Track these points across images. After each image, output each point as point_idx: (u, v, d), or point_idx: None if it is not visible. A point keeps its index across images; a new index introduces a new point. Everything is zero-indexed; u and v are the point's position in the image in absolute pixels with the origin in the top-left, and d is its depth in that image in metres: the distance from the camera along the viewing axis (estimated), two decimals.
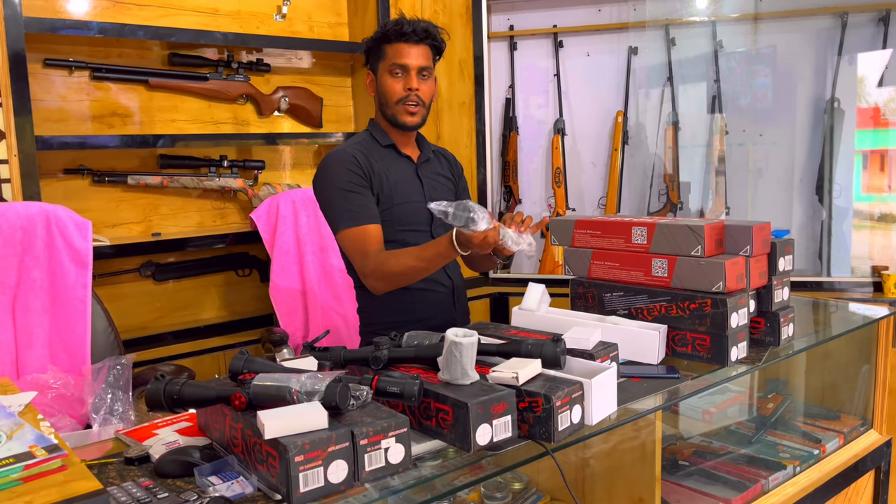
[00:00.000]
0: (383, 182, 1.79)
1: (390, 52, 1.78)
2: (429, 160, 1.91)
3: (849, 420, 1.91)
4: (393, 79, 1.78)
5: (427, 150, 1.92)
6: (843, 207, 2.85)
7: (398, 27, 1.76)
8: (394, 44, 1.77)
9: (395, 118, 1.80)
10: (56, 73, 2.31)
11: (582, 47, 3.08)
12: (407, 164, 1.86)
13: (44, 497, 0.70)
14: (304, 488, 0.90)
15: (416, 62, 1.77)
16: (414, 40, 1.76)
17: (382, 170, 1.80)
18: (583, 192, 3.15)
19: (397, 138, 1.86)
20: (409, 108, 1.78)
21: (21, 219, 1.84)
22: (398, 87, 1.77)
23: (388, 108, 1.81)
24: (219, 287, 2.69)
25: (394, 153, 1.85)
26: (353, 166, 1.75)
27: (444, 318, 1.84)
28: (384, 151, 1.84)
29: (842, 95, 2.78)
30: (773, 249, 1.57)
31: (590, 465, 1.46)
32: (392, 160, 1.84)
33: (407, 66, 1.77)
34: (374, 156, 1.81)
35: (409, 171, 1.86)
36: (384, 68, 1.79)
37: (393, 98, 1.78)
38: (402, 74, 1.77)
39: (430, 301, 1.83)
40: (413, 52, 1.77)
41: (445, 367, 1.11)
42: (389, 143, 1.85)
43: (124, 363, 1.65)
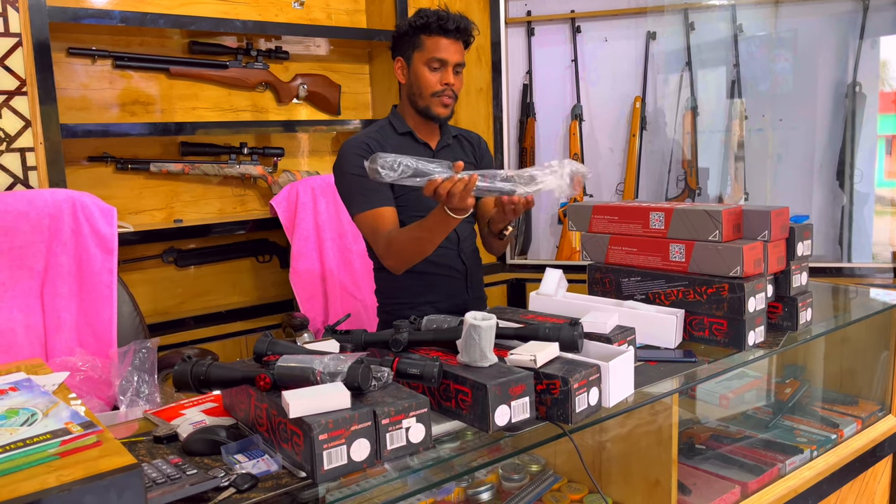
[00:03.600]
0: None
1: (429, 45, 1.79)
2: (448, 146, 1.93)
3: (867, 405, 1.91)
4: (430, 72, 1.79)
5: (447, 136, 1.93)
6: (864, 193, 2.82)
7: (442, 21, 1.77)
8: (434, 36, 1.78)
9: (427, 110, 1.82)
10: (79, 61, 2.35)
11: (600, 32, 3.07)
12: (424, 151, 1.88)
13: (80, 471, 0.72)
14: (328, 466, 0.92)
15: (454, 58, 1.80)
16: (454, 36, 1.79)
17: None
18: (600, 178, 3.15)
19: (418, 126, 1.88)
20: (443, 101, 1.81)
21: (48, 205, 1.88)
22: (434, 80, 1.80)
23: (420, 99, 1.82)
24: (239, 273, 2.72)
25: (410, 140, 1.87)
26: (365, 152, 1.77)
27: (456, 301, 1.88)
28: (400, 139, 1.86)
29: (864, 80, 2.75)
30: (792, 234, 1.57)
31: (606, 447, 1.48)
32: (407, 147, 1.85)
33: (446, 62, 1.79)
34: (389, 143, 1.83)
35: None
36: (420, 59, 1.80)
37: (428, 90, 1.80)
38: (440, 68, 1.79)
39: (442, 285, 1.87)
40: (452, 48, 1.80)
41: (464, 349, 1.13)
42: (406, 131, 1.87)
43: (149, 347, 1.68)
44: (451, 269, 1.89)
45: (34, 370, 1.08)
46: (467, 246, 1.92)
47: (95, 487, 0.71)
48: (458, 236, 1.88)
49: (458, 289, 1.90)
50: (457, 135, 1.98)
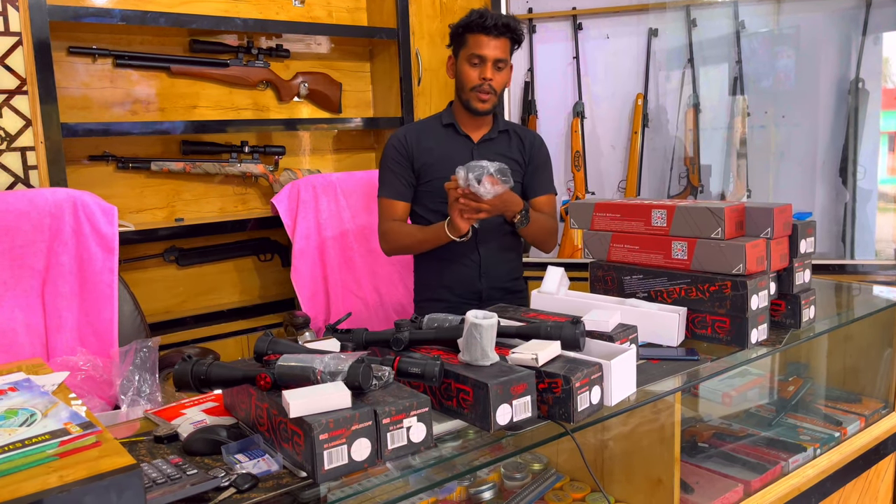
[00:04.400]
0: (427, 158, 1.99)
1: (471, 42, 1.90)
2: (491, 140, 2.02)
3: (870, 403, 1.90)
4: (470, 67, 1.92)
5: (494, 131, 2.03)
6: (867, 190, 2.81)
7: (482, 20, 1.88)
8: (475, 34, 1.89)
9: (468, 103, 1.95)
10: (80, 60, 2.35)
11: (601, 29, 3.05)
12: (463, 142, 2.01)
13: (79, 471, 0.72)
14: (329, 465, 0.92)
15: (493, 54, 1.90)
16: (494, 33, 1.88)
17: (432, 146, 2.00)
18: (602, 175, 3.14)
19: (463, 119, 2.01)
20: (481, 95, 1.93)
21: (49, 205, 1.88)
22: (474, 75, 1.91)
23: (462, 93, 1.96)
24: (241, 272, 2.72)
25: (452, 132, 2.02)
26: (398, 145, 2.00)
27: (470, 289, 2.02)
28: (442, 130, 2.02)
29: (866, 76, 2.73)
30: (795, 232, 1.56)
31: (609, 446, 1.47)
32: (447, 138, 2.01)
33: (484, 57, 1.89)
34: (429, 133, 2.02)
35: (464, 150, 2.00)
36: (464, 56, 1.92)
37: (468, 85, 1.93)
38: (479, 64, 1.91)
39: (456, 272, 2.01)
40: (491, 44, 1.89)
41: (465, 348, 1.12)
42: (449, 123, 2.02)
43: (150, 346, 1.68)
44: (466, 257, 2.00)
45: (34, 370, 1.08)
46: (489, 238, 2.01)
47: (95, 488, 0.70)
48: (476, 229, 1.95)
49: (471, 277, 2.01)
50: (507, 129, 2.06)
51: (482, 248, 2.01)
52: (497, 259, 2.03)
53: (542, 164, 2.09)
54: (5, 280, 1.83)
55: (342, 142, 2.96)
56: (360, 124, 2.81)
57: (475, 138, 2.01)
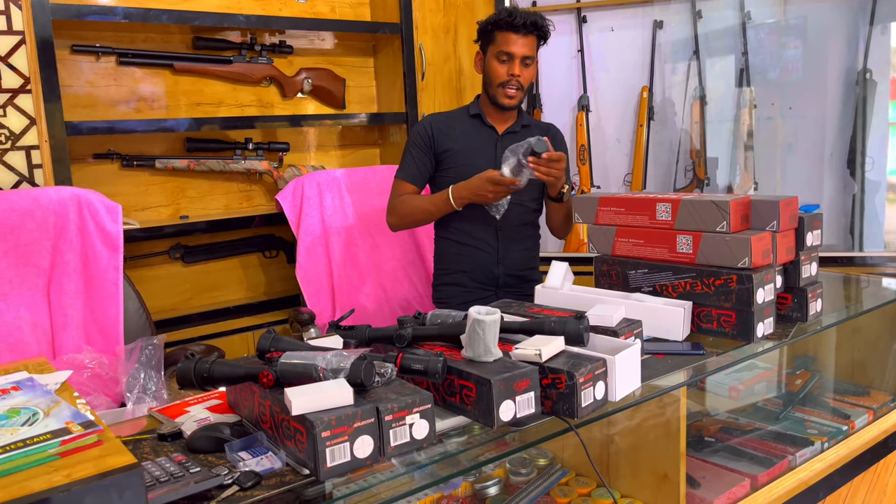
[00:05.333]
0: (451, 145, 2.04)
1: (499, 39, 1.95)
2: (515, 133, 2.07)
3: (879, 396, 1.89)
4: (499, 63, 1.96)
5: (517, 125, 2.08)
6: (875, 181, 2.79)
7: (510, 18, 1.92)
8: (504, 32, 1.94)
9: (495, 98, 2.00)
10: (83, 58, 2.35)
11: (605, 22, 3.04)
12: (489, 133, 2.06)
13: (80, 471, 0.72)
14: (331, 463, 0.92)
15: (520, 51, 1.94)
16: (522, 31, 1.93)
17: (457, 135, 2.05)
18: (608, 169, 3.12)
19: (489, 112, 2.06)
20: (508, 91, 1.97)
21: (53, 203, 1.88)
22: (502, 71, 1.96)
23: (490, 88, 2.01)
24: (246, 268, 2.72)
25: (478, 123, 2.07)
26: (422, 131, 2.07)
27: (486, 273, 2.07)
28: (469, 120, 2.08)
29: (874, 66, 2.71)
30: (801, 224, 1.55)
31: (615, 441, 1.47)
32: (472, 128, 2.06)
33: (512, 54, 1.94)
34: (455, 122, 2.07)
35: (488, 141, 2.06)
36: (492, 53, 1.98)
37: (496, 80, 1.97)
38: (507, 61, 1.95)
39: (473, 256, 2.06)
40: (519, 42, 1.94)
41: (469, 344, 1.12)
42: (476, 114, 2.07)
43: (156, 343, 1.68)
44: (484, 242, 2.05)
45: (38, 369, 1.08)
46: (508, 227, 2.05)
47: (96, 487, 0.70)
48: (496, 218, 2.00)
49: (488, 262, 2.06)
50: (528, 124, 2.11)
51: (501, 234, 2.05)
52: (515, 246, 2.08)
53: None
54: (11, 279, 1.83)
55: (346, 138, 2.96)
56: (365, 120, 2.80)
57: (500, 130, 2.06)
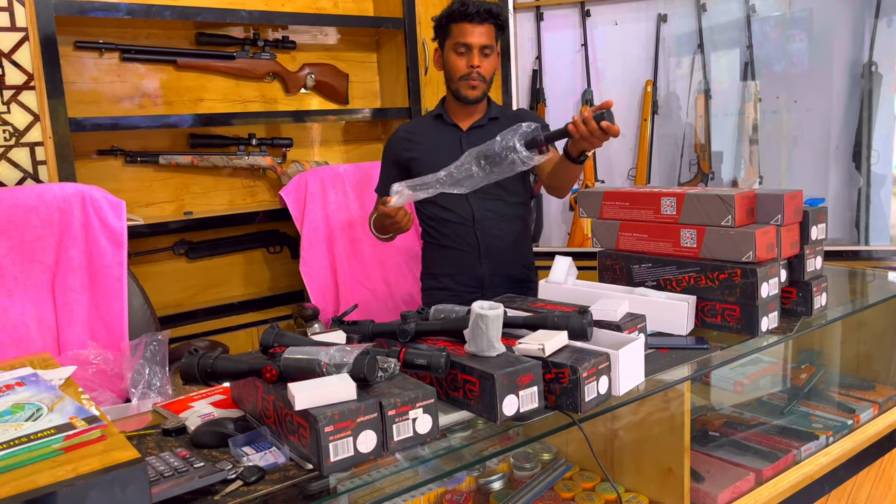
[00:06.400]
0: (413, 153, 1.98)
1: (455, 31, 1.90)
2: (482, 126, 2.00)
3: (884, 390, 1.88)
4: (457, 56, 1.91)
5: (484, 118, 2.02)
6: (881, 174, 2.77)
7: (463, 8, 1.87)
8: (459, 23, 1.89)
9: (458, 92, 1.95)
10: (87, 55, 2.35)
11: (609, 16, 3.02)
12: (451, 132, 2.00)
13: (84, 466, 0.72)
14: (335, 458, 0.92)
15: (478, 41, 1.89)
16: (477, 20, 1.88)
17: (419, 141, 2.00)
18: (612, 163, 3.12)
19: (454, 109, 2.01)
20: (471, 83, 1.92)
21: (58, 199, 1.88)
22: (462, 64, 1.91)
23: (452, 83, 1.96)
24: (250, 264, 2.73)
25: (440, 123, 2.02)
26: (388, 145, 2.05)
27: (471, 274, 2.02)
28: (431, 122, 2.03)
29: (880, 59, 2.69)
30: (806, 218, 1.54)
31: (619, 435, 1.46)
32: (435, 131, 2.01)
33: (470, 45, 1.89)
34: (418, 129, 2.03)
35: (452, 140, 1.98)
36: (450, 46, 1.92)
37: (456, 74, 1.93)
38: (465, 52, 1.90)
39: (455, 258, 2.02)
40: (476, 32, 1.89)
41: (472, 339, 1.12)
42: (438, 114, 2.02)
43: (160, 339, 1.69)
44: (465, 243, 2.00)
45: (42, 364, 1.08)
46: (488, 224, 1.99)
47: (99, 482, 0.70)
48: (475, 214, 1.97)
49: (471, 263, 2.01)
50: (497, 116, 2.04)
51: (479, 232, 1.99)
52: (498, 244, 2.01)
53: None
54: (16, 275, 1.84)
55: (350, 133, 2.96)
56: (368, 115, 2.80)
57: (464, 127, 2.00)
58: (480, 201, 1.96)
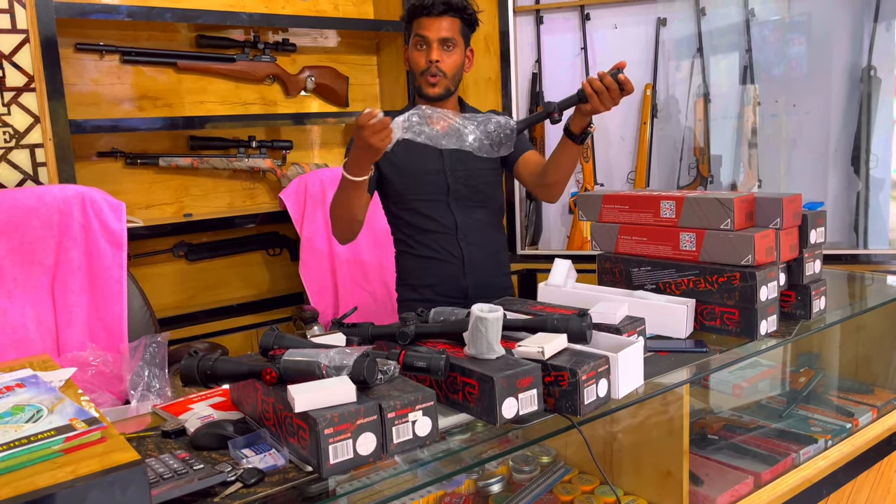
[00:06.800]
0: (393, 155, 1.79)
1: (415, 27, 1.85)
2: None
3: (883, 394, 1.88)
4: (417, 52, 1.84)
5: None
6: (879, 178, 2.78)
7: (420, 1, 1.82)
8: (419, 18, 1.83)
9: (420, 89, 1.87)
10: (87, 57, 2.35)
11: (609, 19, 3.03)
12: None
13: (84, 467, 0.72)
14: (334, 460, 0.92)
15: (436, 34, 1.82)
16: (435, 13, 1.81)
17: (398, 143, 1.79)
18: (611, 166, 3.12)
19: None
20: (430, 79, 1.83)
21: (58, 201, 1.89)
22: (421, 59, 1.84)
23: (416, 81, 1.88)
24: (250, 266, 2.73)
25: None
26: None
27: (454, 286, 1.93)
28: None
29: (878, 63, 2.70)
30: (805, 222, 1.55)
31: (618, 438, 1.46)
32: None
33: (428, 38, 1.82)
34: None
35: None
36: (412, 44, 1.86)
37: (417, 70, 1.85)
38: (424, 47, 1.83)
39: (439, 269, 1.93)
40: (434, 25, 1.82)
41: (471, 341, 1.12)
42: None
43: (160, 341, 1.68)
44: (448, 253, 1.93)
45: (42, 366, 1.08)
46: (470, 233, 1.93)
47: (99, 483, 0.70)
48: (458, 223, 1.92)
49: (454, 273, 1.93)
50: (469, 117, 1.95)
51: (463, 243, 1.93)
52: (481, 254, 1.96)
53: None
54: (15, 277, 1.84)
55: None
56: None
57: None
58: (462, 210, 1.91)
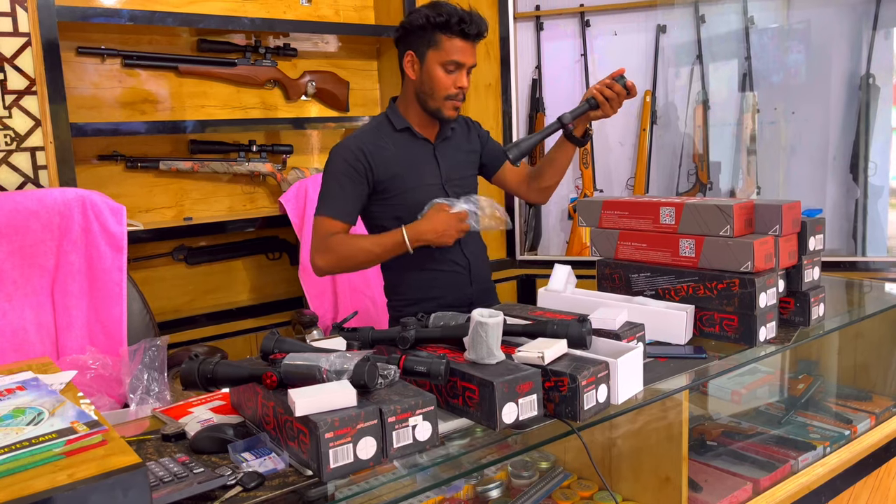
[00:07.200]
0: (392, 168, 1.78)
1: (447, 46, 1.72)
2: (447, 138, 1.89)
3: (881, 401, 1.89)
4: (446, 74, 1.74)
5: (447, 129, 1.89)
6: (878, 186, 2.79)
7: (464, 24, 1.71)
8: (453, 38, 1.72)
9: (438, 112, 1.79)
10: (89, 60, 2.36)
11: (609, 26, 3.04)
12: (423, 145, 1.84)
13: (85, 470, 0.72)
14: (334, 464, 0.92)
15: (471, 60, 1.76)
16: (472, 37, 1.74)
17: (393, 155, 1.79)
18: (611, 172, 3.13)
19: (419, 121, 1.84)
20: (455, 104, 1.78)
21: (58, 204, 1.89)
22: (449, 82, 1.75)
23: (431, 100, 1.78)
24: (249, 270, 2.73)
25: (408, 136, 1.83)
26: (352, 158, 1.76)
27: (459, 296, 1.88)
28: (397, 136, 1.82)
29: (877, 71, 2.71)
30: (804, 229, 1.55)
31: (617, 444, 1.47)
32: (406, 144, 1.82)
33: (463, 65, 1.75)
34: (386, 141, 1.80)
35: (426, 153, 1.85)
36: (436, 59, 1.74)
37: (442, 93, 1.76)
38: (455, 71, 1.74)
39: (445, 280, 1.87)
40: (469, 50, 1.75)
41: (471, 346, 1.12)
42: (405, 127, 1.82)
43: (159, 345, 1.68)
44: (454, 263, 1.88)
45: (42, 369, 1.08)
46: (471, 241, 1.90)
47: (101, 486, 0.71)
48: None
49: (461, 283, 1.89)
50: (454, 126, 1.93)
51: (467, 251, 1.90)
52: (479, 260, 1.95)
53: (490, 138, 2.02)
54: (15, 279, 1.84)
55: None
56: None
57: (432, 139, 1.86)
58: None
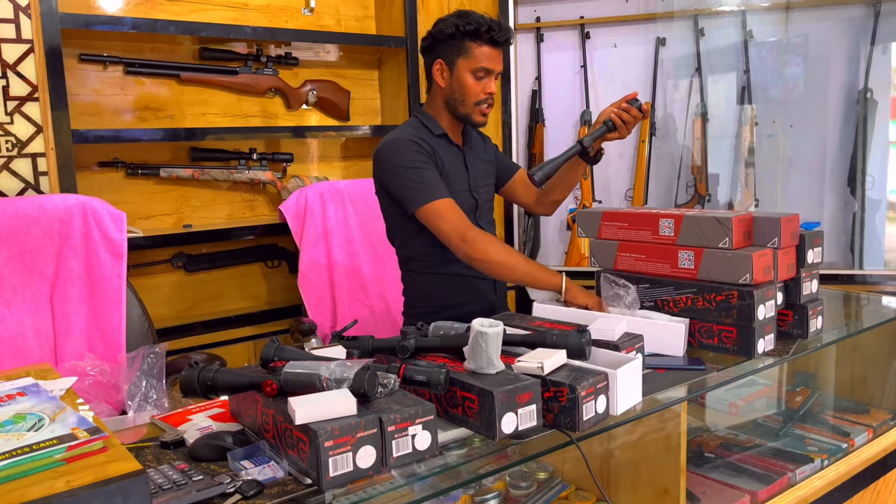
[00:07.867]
0: (441, 169, 1.81)
1: (478, 53, 1.77)
2: (472, 147, 1.94)
3: (878, 414, 1.89)
4: (476, 81, 1.78)
5: (469, 137, 1.94)
6: (875, 199, 2.80)
7: (493, 32, 1.75)
8: (483, 46, 1.76)
9: (468, 117, 1.83)
10: (91, 67, 2.37)
11: (609, 38, 3.06)
12: (457, 152, 1.89)
13: (86, 476, 0.72)
14: (334, 473, 0.92)
15: (499, 67, 1.81)
16: (500, 43, 1.79)
17: (443, 158, 1.83)
18: (609, 184, 3.14)
19: (451, 128, 1.88)
20: (484, 109, 1.82)
21: (59, 210, 1.89)
22: (479, 89, 1.79)
23: (462, 106, 1.82)
24: (249, 278, 2.73)
25: (445, 142, 1.87)
26: (418, 147, 1.78)
27: (483, 304, 1.88)
28: (437, 140, 1.86)
29: (875, 85, 2.73)
30: (802, 241, 1.56)
31: (615, 455, 1.47)
32: (445, 148, 1.86)
33: (492, 72, 1.79)
34: (429, 143, 1.83)
35: (459, 160, 1.89)
36: (466, 66, 1.78)
37: (472, 99, 1.80)
38: (484, 77, 1.79)
39: (471, 287, 1.87)
40: (498, 57, 1.79)
41: (471, 356, 1.13)
42: (442, 133, 1.86)
43: (158, 352, 1.68)
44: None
45: (42, 375, 1.09)
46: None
47: (101, 493, 0.71)
48: None
49: (486, 290, 1.90)
50: (475, 134, 1.99)
51: None
52: None
53: (499, 150, 2.06)
54: (15, 285, 1.84)
55: (350, 149, 2.97)
56: (368, 132, 2.81)
57: (461, 145, 1.92)
58: (484, 225, 1.89)
